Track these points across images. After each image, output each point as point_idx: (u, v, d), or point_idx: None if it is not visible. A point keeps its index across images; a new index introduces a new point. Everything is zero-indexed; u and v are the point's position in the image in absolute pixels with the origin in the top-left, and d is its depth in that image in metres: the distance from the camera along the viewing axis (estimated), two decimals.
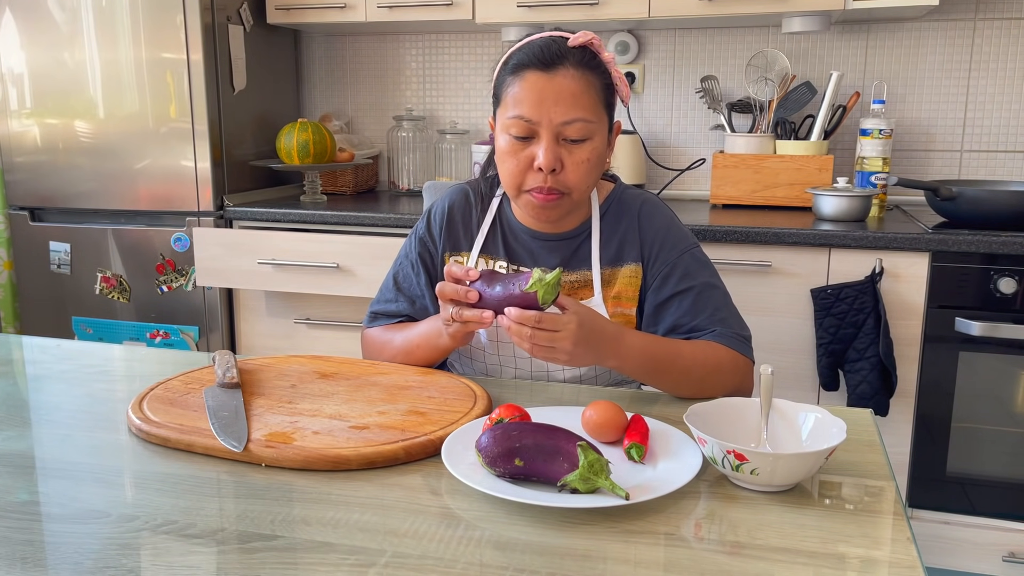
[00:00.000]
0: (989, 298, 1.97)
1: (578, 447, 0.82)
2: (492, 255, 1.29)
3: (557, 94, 1.12)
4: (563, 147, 1.15)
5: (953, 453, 2.06)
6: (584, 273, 1.25)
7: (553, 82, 1.12)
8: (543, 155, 1.13)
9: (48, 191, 2.62)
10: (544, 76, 1.13)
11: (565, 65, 1.13)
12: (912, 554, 0.73)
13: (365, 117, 3.05)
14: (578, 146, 1.15)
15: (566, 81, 1.13)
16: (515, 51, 1.17)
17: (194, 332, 2.54)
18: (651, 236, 1.24)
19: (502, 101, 1.18)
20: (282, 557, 0.73)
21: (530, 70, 1.14)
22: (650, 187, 2.72)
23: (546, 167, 1.13)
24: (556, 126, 1.13)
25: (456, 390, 1.11)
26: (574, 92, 1.13)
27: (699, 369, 1.14)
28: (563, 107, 1.12)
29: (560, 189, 1.16)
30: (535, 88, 1.13)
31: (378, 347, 1.32)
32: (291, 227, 2.42)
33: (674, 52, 2.71)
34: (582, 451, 0.81)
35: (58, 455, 0.95)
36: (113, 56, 2.48)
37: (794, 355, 2.12)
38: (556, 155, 1.14)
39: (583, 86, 1.13)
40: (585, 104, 1.14)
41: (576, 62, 1.14)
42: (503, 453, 0.84)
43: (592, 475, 0.81)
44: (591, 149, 1.16)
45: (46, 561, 0.72)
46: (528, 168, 1.16)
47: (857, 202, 2.18)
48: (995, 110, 2.50)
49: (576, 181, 1.16)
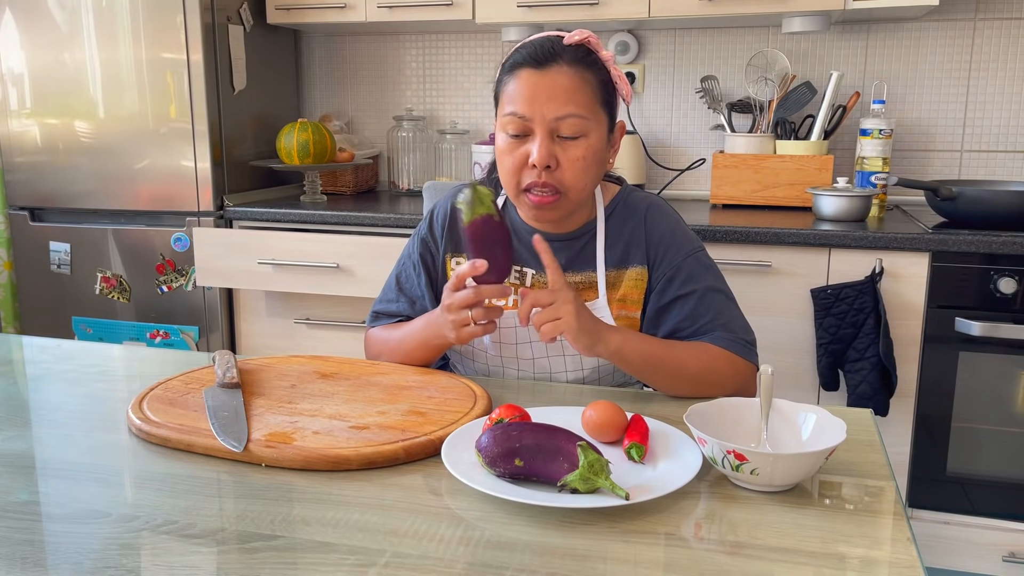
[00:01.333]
0: (989, 298, 1.97)
1: (578, 447, 0.82)
2: None
3: (550, 90, 1.12)
4: (558, 144, 1.14)
5: (953, 453, 2.06)
6: (588, 274, 1.24)
7: (546, 78, 1.13)
8: (536, 151, 1.13)
9: (48, 191, 2.62)
10: (537, 73, 1.13)
11: (558, 62, 1.13)
12: (912, 554, 0.73)
13: (365, 117, 3.05)
14: (573, 143, 1.14)
15: (559, 77, 1.13)
16: (512, 52, 1.18)
17: (194, 332, 2.54)
18: (656, 238, 1.23)
19: (499, 101, 1.19)
20: (282, 557, 0.73)
21: (524, 68, 1.14)
22: (650, 187, 2.72)
23: (539, 163, 1.13)
24: (549, 122, 1.13)
25: (456, 390, 1.11)
26: (567, 88, 1.13)
27: (694, 366, 1.13)
28: (556, 103, 1.12)
29: (556, 187, 1.15)
30: (528, 84, 1.13)
31: (377, 347, 1.32)
32: (291, 227, 2.42)
33: (674, 52, 2.71)
34: (582, 451, 0.81)
35: (58, 455, 0.95)
36: (113, 56, 2.48)
37: (794, 355, 2.12)
38: (550, 152, 1.13)
39: (577, 82, 1.13)
40: (579, 100, 1.13)
41: (571, 59, 1.14)
42: (503, 453, 0.84)
43: (592, 475, 0.81)
44: (587, 146, 1.15)
45: (46, 561, 0.72)
46: (523, 166, 1.16)
47: (857, 202, 2.18)
48: (995, 110, 2.50)
49: (572, 179, 1.15)
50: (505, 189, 1.21)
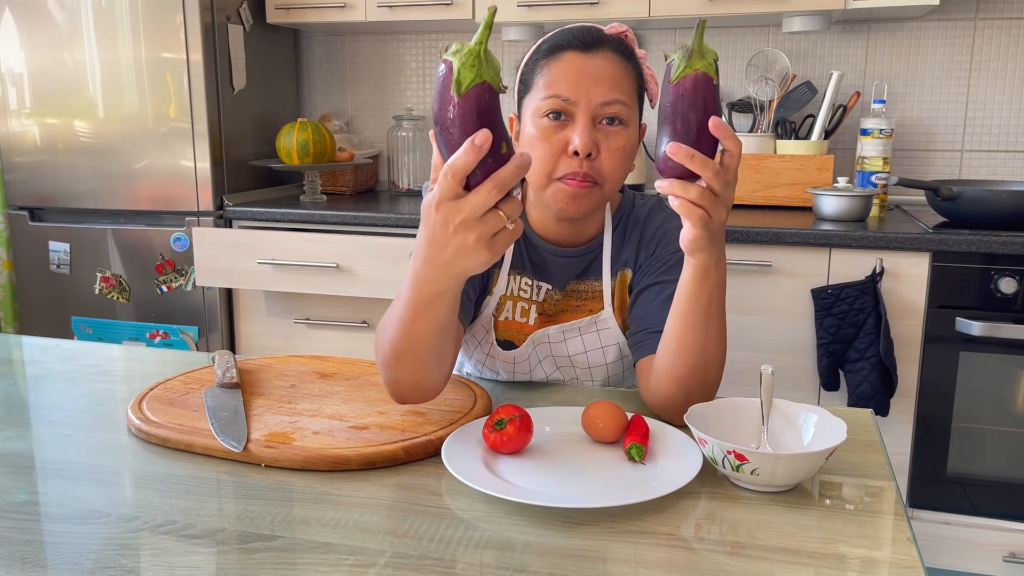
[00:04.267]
0: (990, 298, 1.96)
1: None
2: (520, 270, 1.23)
3: (597, 73, 1.08)
4: (599, 131, 1.08)
5: (953, 453, 2.06)
6: (592, 284, 1.22)
7: (593, 62, 1.08)
8: (579, 137, 1.06)
9: (48, 191, 2.62)
10: (583, 56, 1.09)
11: (604, 48, 1.09)
12: (912, 554, 0.73)
13: (365, 117, 3.05)
14: (615, 131, 1.08)
15: (605, 63, 1.09)
16: (549, 36, 1.13)
17: (194, 332, 2.54)
18: (648, 238, 1.21)
19: (532, 86, 1.12)
20: (282, 557, 0.72)
21: (568, 51, 1.09)
22: (650, 187, 2.72)
23: (582, 150, 1.06)
24: (594, 106, 1.07)
25: (456, 390, 1.11)
26: (614, 74, 1.09)
27: (719, 350, 1.01)
28: (603, 87, 1.07)
29: (594, 177, 1.09)
30: (573, 67, 1.08)
31: (380, 346, 1.12)
32: (291, 227, 2.42)
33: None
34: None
35: (58, 455, 0.94)
36: (113, 56, 2.48)
37: (794, 355, 2.12)
38: (593, 138, 1.07)
39: (622, 71, 1.10)
40: (625, 88, 1.09)
41: (614, 48, 1.10)
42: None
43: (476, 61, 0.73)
44: (627, 136, 1.10)
45: (46, 561, 0.72)
46: (561, 153, 1.08)
47: (858, 202, 2.18)
48: (996, 110, 2.50)
49: (611, 169, 1.09)
50: (533, 180, 1.13)
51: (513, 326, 1.22)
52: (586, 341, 1.21)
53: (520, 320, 1.22)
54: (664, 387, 1.01)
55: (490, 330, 1.22)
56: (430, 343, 0.93)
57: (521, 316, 1.22)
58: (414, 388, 0.98)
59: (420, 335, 0.91)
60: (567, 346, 1.21)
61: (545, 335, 1.21)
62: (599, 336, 1.21)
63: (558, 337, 1.21)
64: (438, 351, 0.95)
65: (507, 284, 1.22)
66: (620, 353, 1.22)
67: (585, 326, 1.21)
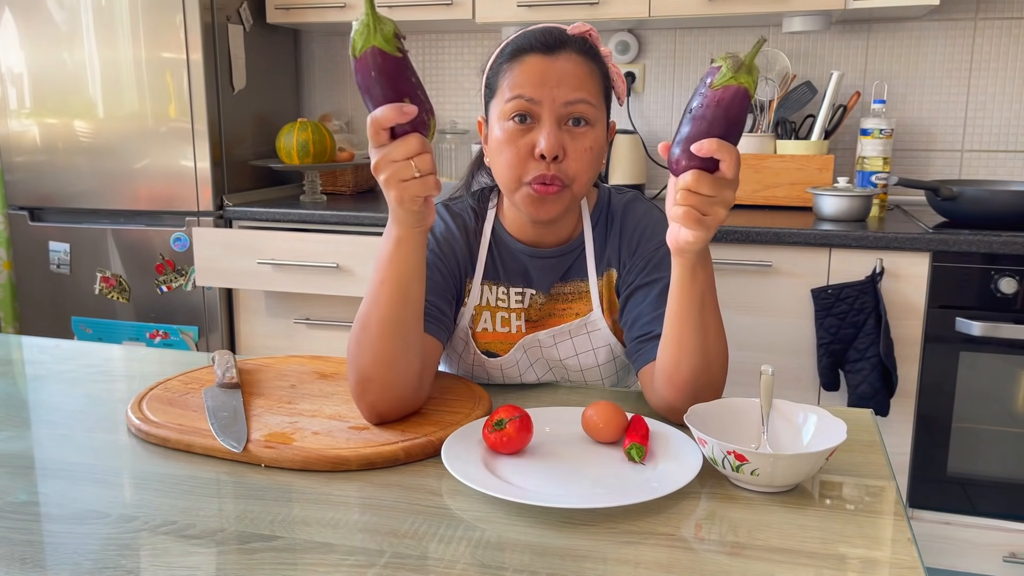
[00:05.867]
0: (990, 298, 1.96)
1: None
2: (494, 280, 1.21)
3: (561, 75, 1.08)
4: (565, 132, 1.08)
5: (953, 453, 2.06)
6: (577, 284, 1.20)
7: (556, 64, 1.08)
8: (545, 139, 1.06)
9: (48, 191, 2.62)
10: (546, 58, 1.09)
11: (567, 49, 1.09)
12: (912, 554, 0.73)
13: (365, 117, 3.04)
14: (581, 132, 1.09)
15: (569, 64, 1.09)
16: (511, 40, 1.13)
17: (194, 332, 2.54)
18: (630, 233, 1.19)
19: (498, 89, 1.11)
20: (282, 557, 0.72)
21: (531, 54, 1.09)
22: (650, 187, 2.73)
23: (548, 152, 1.06)
24: (559, 107, 1.07)
25: (456, 391, 1.11)
26: (578, 75, 1.09)
27: (720, 349, 1.01)
28: (567, 87, 1.07)
29: (562, 179, 1.09)
30: (537, 69, 1.08)
31: (353, 338, 1.04)
32: (291, 227, 2.42)
33: (674, 52, 2.70)
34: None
35: (57, 455, 0.94)
36: (113, 56, 2.48)
37: (794, 355, 2.12)
38: (559, 140, 1.06)
39: (586, 71, 1.10)
40: (589, 88, 1.09)
41: (578, 48, 1.10)
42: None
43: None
44: (594, 137, 1.10)
45: (45, 561, 0.72)
46: (528, 157, 1.08)
47: (858, 202, 2.18)
48: (996, 110, 2.50)
49: (578, 170, 1.09)
50: (502, 185, 1.13)
51: (494, 337, 1.21)
52: (577, 344, 1.21)
53: (502, 330, 1.21)
54: (671, 390, 1.01)
55: (469, 341, 1.21)
56: (393, 311, 0.99)
57: (502, 326, 1.21)
58: (383, 387, 0.98)
59: (385, 302, 0.99)
60: (558, 350, 1.21)
61: (535, 340, 1.20)
62: (590, 338, 1.20)
63: (549, 342, 1.20)
64: (404, 331, 0.99)
65: (481, 294, 1.21)
66: (612, 354, 1.22)
67: (575, 329, 1.20)
